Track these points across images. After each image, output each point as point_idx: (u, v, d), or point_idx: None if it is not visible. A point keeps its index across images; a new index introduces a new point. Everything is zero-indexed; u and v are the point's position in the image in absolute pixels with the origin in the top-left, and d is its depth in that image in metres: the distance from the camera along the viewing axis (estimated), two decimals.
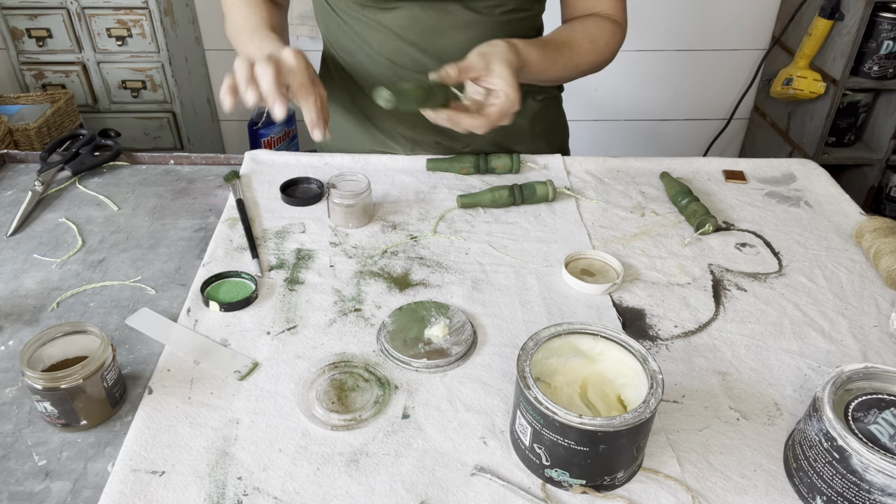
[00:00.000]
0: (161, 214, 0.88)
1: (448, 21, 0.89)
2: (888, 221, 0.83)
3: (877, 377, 0.55)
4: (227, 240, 0.82)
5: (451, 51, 0.91)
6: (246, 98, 0.72)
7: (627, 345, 0.57)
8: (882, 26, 1.99)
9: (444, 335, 0.67)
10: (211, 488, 0.53)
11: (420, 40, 0.90)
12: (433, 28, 0.90)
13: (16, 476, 0.55)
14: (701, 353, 0.68)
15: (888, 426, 0.51)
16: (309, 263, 0.79)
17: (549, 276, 0.78)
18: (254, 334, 0.69)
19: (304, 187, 0.93)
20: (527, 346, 0.56)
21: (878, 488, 0.48)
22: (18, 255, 0.80)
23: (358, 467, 0.56)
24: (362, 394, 0.62)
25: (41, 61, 2.13)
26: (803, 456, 0.53)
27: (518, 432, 0.55)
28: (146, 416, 0.59)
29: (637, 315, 0.73)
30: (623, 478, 0.54)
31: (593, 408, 0.57)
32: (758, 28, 2.37)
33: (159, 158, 1.01)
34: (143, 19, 2.05)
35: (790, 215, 0.91)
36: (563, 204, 0.92)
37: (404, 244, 0.83)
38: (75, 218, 0.87)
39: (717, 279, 0.79)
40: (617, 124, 2.57)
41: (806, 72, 2.13)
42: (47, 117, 1.99)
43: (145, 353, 0.67)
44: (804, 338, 0.70)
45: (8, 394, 0.62)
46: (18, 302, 0.73)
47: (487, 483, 0.54)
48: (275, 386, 0.63)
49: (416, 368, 0.64)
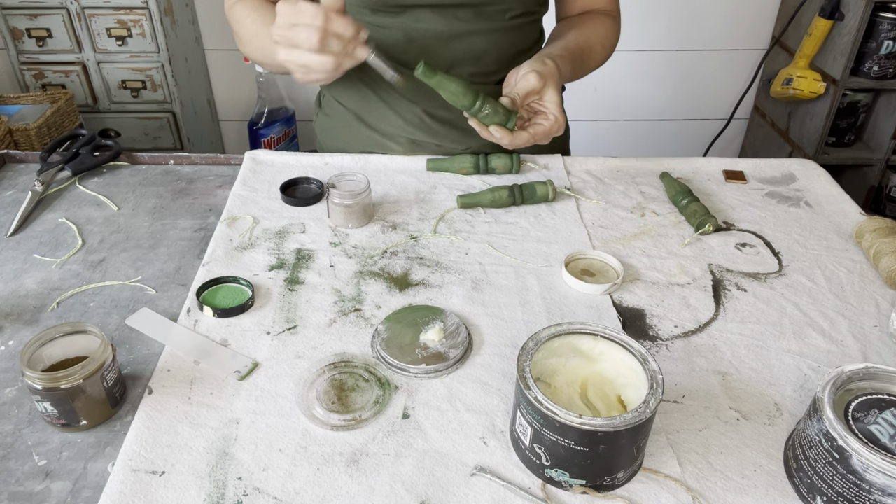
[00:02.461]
0: (161, 214, 0.88)
1: (457, 27, 0.89)
2: (888, 221, 0.83)
3: (877, 377, 0.55)
4: (226, 240, 0.82)
5: (460, 56, 0.91)
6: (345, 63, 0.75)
7: (627, 345, 0.57)
8: (882, 26, 1.99)
9: (440, 339, 0.67)
10: (211, 488, 0.53)
11: (429, 45, 0.90)
12: (442, 33, 0.89)
13: (16, 476, 0.55)
14: (701, 354, 0.68)
15: (888, 426, 0.51)
16: (309, 263, 0.79)
17: (549, 276, 0.78)
18: (254, 334, 0.69)
19: (304, 187, 0.93)
20: (527, 346, 0.56)
21: (878, 488, 0.48)
22: (18, 255, 0.80)
23: (358, 467, 0.56)
24: (362, 394, 0.62)
25: (41, 61, 2.13)
26: (803, 456, 0.53)
27: (518, 432, 0.55)
28: (146, 416, 0.59)
29: (637, 315, 0.73)
30: (623, 478, 0.54)
31: (593, 408, 0.57)
32: (758, 28, 2.37)
33: (159, 158, 1.01)
34: (143, 19, 2.05)
35: (790, 215, 0.91)
36: (563, 204, 0.92)
37: (404, 244, 0.83)
38: (75, 218, 0.87)
39: (717, 279, 0.79)
40: (617, 124, 2.57)
41: (806, 72, 2.13)
42: (47, 117, 1.99)
43: (145, 353, 0.67)
44: (804, 338, 0.70)
45: (8, 394, 0.62)
46: (18, 302, 0.73)
47: (487, 483, 0.54)
48: (275, 386, 0.63)
49: (415, 374, 0.64)
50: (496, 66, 0.94)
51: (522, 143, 0.83)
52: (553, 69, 0.83)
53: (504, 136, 0.82)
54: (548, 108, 0.82)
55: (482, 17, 0.90)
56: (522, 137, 0.82)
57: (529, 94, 0.82)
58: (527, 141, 0.83)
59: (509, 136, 0.82)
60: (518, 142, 0.83)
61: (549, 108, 0.82)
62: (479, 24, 0.90)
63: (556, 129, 0.83)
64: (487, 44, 0.91)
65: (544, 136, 0.83)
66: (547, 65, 0.83)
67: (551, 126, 0.82)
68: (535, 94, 0.83)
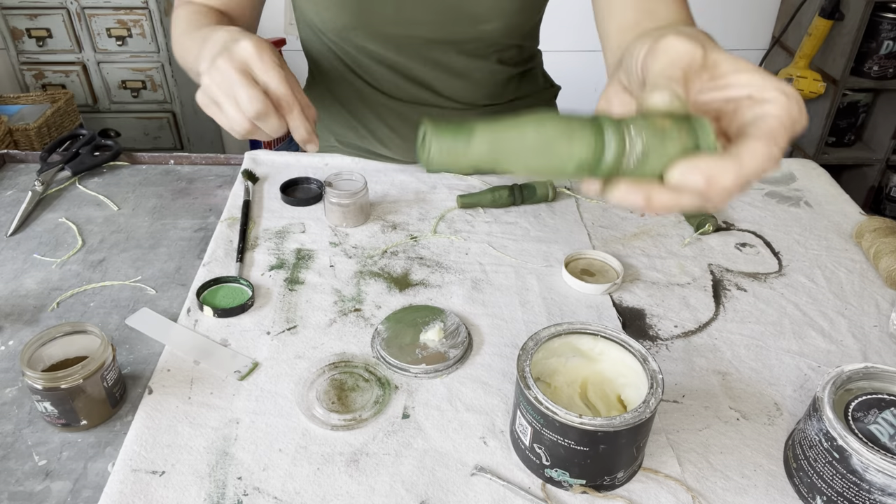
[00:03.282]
0: (161, 214, 0.88)
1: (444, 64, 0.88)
2: (888, 221, 0.83)
3: (877, 377, 0.55)
4: (227, 240, 0.82)
5: (452, 89, 0.90)
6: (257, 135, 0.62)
7: (627, 345, 0.57)
8: (882, 26, 1.99)
9: (440, 339, 0.67)
10: (211, 488, 0.53)
11: (418, 77, 0.90)
12: (431, 68, 0.89)
13: (16, 476, 0.55)
14: (701, 353, 0.68)
15: (888, 426, 0.51)
16: (309, 263, 0.79)
17: (549, 276, 0.78)
18: (254, 334, 0.69)
19: (304, 187, 0.93)
20: (527, 346, 0.56)
21: (878, 488, 0.48)
22: (18, 255, 0.80)
23: (358, 467, 0.56)
24: (362, 394, 0.62)
25: (41, 61, 2.13)
26: (803, 456, 0.53)
27: (518, 432, 0.55)
28: (146, 416, 0.59)
29: (637, 315, 0.73)
30: (623, 478, 0.54)
31: (593, 408, 0.57)
32: (758, 28, 2.37)
33: (159, 158, 1.01)
34: (143, 19, 2.05)
35: (790, 215, 0.91)
36: (563, 204, 0.92)
37: (404, 244, 0.83)
38: (75, 218, 0.87)
39: (717, 279, 0.79)
40: None
41: (806, 72, 2.13)
42: (47, 117, 1.99)
43: (145, 353, 0.67)
44: (804, 338, 0.70)
45: (8, 394, 0.62)
46: (18, 302, 0.73)
47: (487, 483, 0.54)
48: (275, 386, 0.63)
49: (415, 374, 0.64)
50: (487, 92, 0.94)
51: (762, 167, 0.39)
52: (690, 28, 0.50)
53: (717, 170, 0.38)
54: (744, 82, 0.43)
55: (467, 56, 0.88)
56: (754, 151, 0.39)
57: (689, 76, 0.43)
58: (765, 158, 0.39)
59: (726, 163, 0.39)
60: (753, 166, 0.39)
61: (747, 83, 0.43)
62: (467, 61, 0.88)
63: (797, 111, 0.42)
64: (479, 76, 0.90)
65: (786, 132, 0.41)
66: (677, 27, 0.50)
67: (785, 108, 0.41)
68: (700, 70, 0.44)
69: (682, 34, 0.44)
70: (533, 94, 1.02)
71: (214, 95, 0.60)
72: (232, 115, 0.59)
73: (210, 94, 0.60)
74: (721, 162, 0.39)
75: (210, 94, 0.60)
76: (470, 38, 0.85)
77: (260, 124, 0.60)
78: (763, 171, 0.39)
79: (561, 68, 1.28)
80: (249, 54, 0.59)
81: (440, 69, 0.89)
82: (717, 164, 0.39)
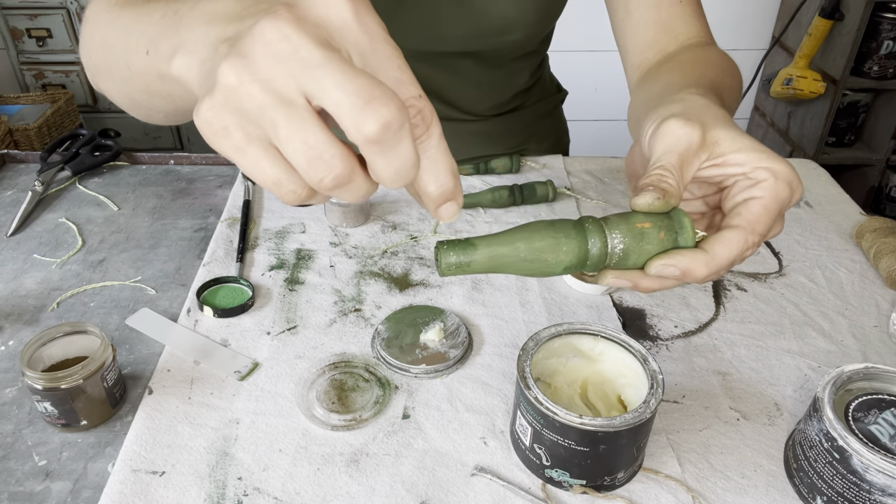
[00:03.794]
0: (161, 214, 0.88)
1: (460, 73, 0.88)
2: (888, 221, 0.83)
3: (877, 377, 0.55)
4: (227, 240, 0.82)
5: (462, 98, 0.90)
6: None
7: (627, 345, 0.57)
8: (882, 26, 1.99)
9: (440, 339, 0.67)
10: (211, 488, 0.53)
11: (432, 87, 0.90)
12: (448, 77, 0.89)
13: (16, 476, 0.55)
14: (701, 353, 0.68)
15: (888, 426, 0.51)
16: (309, 263, 0.79)
17: None
18: (254, 334, 0.69)
19: None
20: (527, 346, 0.56)
21: (878, 488, 0.48)
22: (18, 255, 0.80)
23: (358, 467, 0.56)
24: (362, 394, 0.62)
25: (41, 61, 2.13)
26: (803, 456, 0.53)
27: (518, 432, 0.55)
28: (146, 416, 0.59)
29: (637, 315, 0.73)
30: (623, 478, 0.54)
31: (593, 408, 0.57)
32: (758, 28, 2.37)
33: (159, 158, 1.01)
34: None
35: (790, 215, 0.91)
36: (564, 204, 0.92)
37: (404, 244, 0.83)
38: (75, 218, 0.87)
39: (717, 279, 0.79)
40: (617, 124, 2.57)
41: (806, 72, 2.13)
42: (47, 117, 1.99)
43: (145, 353, 0.67)
44: (804, 338, 0.70)
45: (8, 394, 0.62)
46: (18, 302, 0.73)
47: (488, 483, 0.54)
48: (275, 386, 0.63)
49: (415, 374, 0.64)
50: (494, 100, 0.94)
51: (735, 258, 0.44)
52: (698, 101, 0.50)
53: (691, 264, 0.43)
54: (740, 161, 0.45)
55: (483, 65, 0.88)
56: (728, 243, 0.44)
57: (686, 159, 0.45)
58: (739, 249, 0.44)
59: (698, 258, 0.43)
60: (726, 258, 0.43)
61: (743, 162, 0.45)
62: (482, 70, 0.89)
63: (786, 192, 0.45)
64: (491, 84, 0.90)
65: (769, 216, 0.44)
66: (685, 100, 0.50)
67: (772, 191, 0.44)
68: (699, 151, 0.45)
69: (681, 117, 0.46)
70: (539, 102, 1.02)
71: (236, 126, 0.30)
72: (271, 173, 0.32)
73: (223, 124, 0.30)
74: (694, 257, 0.43)
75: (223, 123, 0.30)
76: (492, 48, 0.86)
77: (335, 193, 0.33)
78: (736, 261, 0.44)
79: (561, 68, 1.28)
80: (343, 19, 0.30)
81: (456, 77, 0.89)
82: (692, 259, 0.43)
